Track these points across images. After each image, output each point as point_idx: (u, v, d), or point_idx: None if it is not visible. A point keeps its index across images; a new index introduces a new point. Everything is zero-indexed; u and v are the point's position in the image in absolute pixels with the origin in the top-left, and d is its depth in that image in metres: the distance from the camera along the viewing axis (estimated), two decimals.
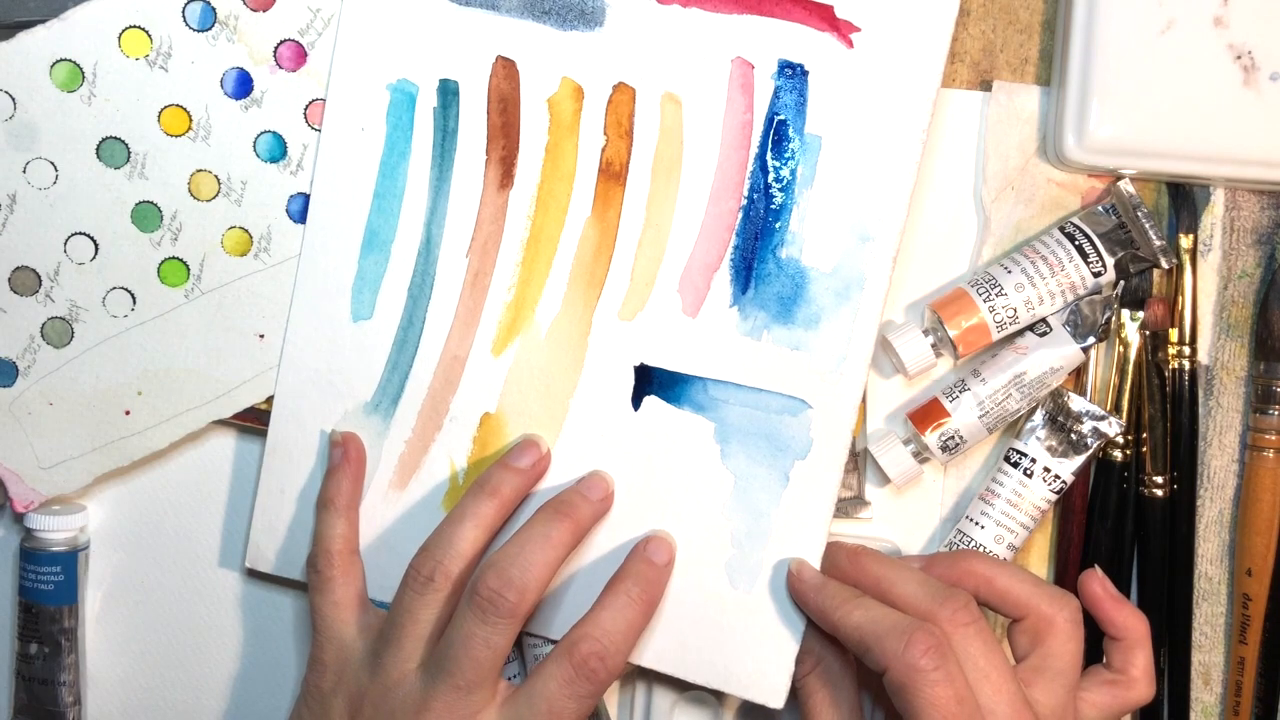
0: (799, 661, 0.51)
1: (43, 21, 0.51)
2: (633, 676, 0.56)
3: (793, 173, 0.51)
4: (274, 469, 0.54)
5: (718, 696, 0.56)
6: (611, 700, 0.56)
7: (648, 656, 0.53)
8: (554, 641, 0.54)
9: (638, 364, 0.52)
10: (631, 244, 0.52)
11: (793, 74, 0.50)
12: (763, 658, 0.52)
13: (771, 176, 0.51)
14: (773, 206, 0.51)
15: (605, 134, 0.52)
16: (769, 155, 0.51)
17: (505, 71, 0.51)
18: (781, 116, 0.51)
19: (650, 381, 0.52)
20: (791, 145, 0.51)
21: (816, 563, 0.51)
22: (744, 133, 0.51)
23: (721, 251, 0.52)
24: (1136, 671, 0.49)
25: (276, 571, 0.54)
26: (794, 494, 0.52)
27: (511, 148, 0.52)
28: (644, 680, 0.56)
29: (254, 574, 0.56)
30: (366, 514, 0.53)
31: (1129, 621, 0.49)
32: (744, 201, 0.51)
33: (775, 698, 0.52)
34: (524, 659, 0.54)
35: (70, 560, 0.54)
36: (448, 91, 0.52)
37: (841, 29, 0.50)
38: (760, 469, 0.52)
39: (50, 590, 0.54)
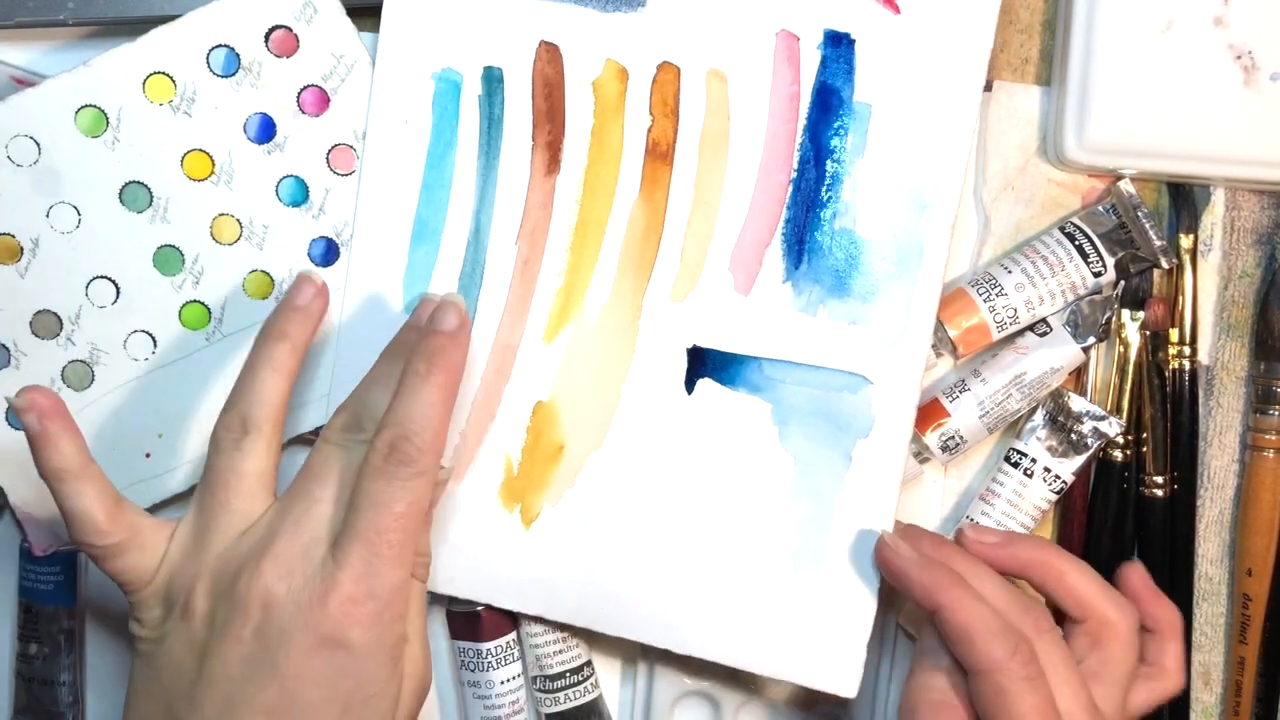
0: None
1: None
2: (634, 661, 0.56)
3: (843, 142, 0.50)
4: None
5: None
6: (612, 699, 0.56)
7: (712, 651, 0.51)
8: (558, 626, 0.53)
9: (690, 346, 0.51)
10: (680, 224, 0.51)
11: (839, 43, 0.50)
12: (833, 646, 0.50)
13: (821, 147, 0.50)
14: (824, 177, 0.50)
15: (651, 114, 0.51)
16: (818, 125, 0.50)
17: (549, 56, 0.51)
18: (829, 86, 0.50)
19: (704, 363, 0.51)
20: (840, 114, 0.50)
21: None
22: (791, 105, 0.50)
23: (773, 226, 0.51)
24: (1170, 662, 0.50)
25: None
26: (858, 474, 0.50)
27: (557, 132, 0.52)
28: (644, 674, 0.56)
29: None
30: None
31: (1165, 614, 0.50)
32: (794, 174, 0.51)
33: (848, 686, 0.50)
34: (524, 657, 0.54)
35: (70, 560, 0.54)
36: (492, 79, 0.52)
37: None
38: (821, 449, 0.50)
39: (50, 590, 0.54)
